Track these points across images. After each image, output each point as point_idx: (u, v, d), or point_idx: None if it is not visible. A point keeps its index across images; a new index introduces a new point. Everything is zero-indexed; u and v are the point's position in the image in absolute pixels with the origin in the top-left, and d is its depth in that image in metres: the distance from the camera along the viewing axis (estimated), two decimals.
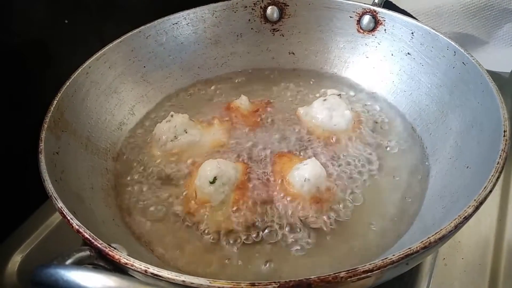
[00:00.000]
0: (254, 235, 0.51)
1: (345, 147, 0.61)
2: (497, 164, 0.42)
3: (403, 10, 0.85)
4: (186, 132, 0.61)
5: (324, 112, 0.62)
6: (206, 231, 0.52)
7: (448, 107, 0.59)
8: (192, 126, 0.62)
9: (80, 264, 0.35)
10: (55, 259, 0.34)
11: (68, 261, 0.34)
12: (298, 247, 0.50)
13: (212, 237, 0.51)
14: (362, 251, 0.49)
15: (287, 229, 0.52)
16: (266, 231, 0.52)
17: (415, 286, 0.54)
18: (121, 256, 0.37)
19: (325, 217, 0.52)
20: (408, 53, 0.66)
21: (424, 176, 0.56)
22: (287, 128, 0.64)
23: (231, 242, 0.51)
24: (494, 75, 0.81)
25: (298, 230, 0.51)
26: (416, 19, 0.67)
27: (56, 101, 0.55)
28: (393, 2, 0.83)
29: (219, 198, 0.53)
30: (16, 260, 0.60)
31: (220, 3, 0.73)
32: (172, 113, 0.62)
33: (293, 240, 0.51)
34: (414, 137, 0.62)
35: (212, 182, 0.52)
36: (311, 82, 0.74)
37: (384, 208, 0.54)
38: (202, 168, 0.54)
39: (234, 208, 0.52)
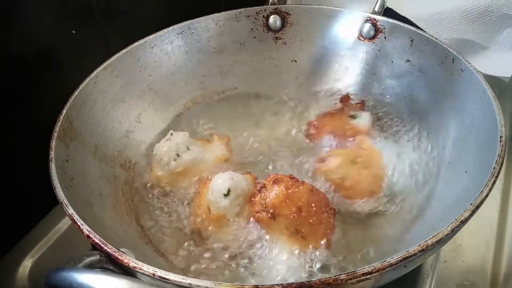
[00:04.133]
0: None
1: None
2: (493, 169, 0.43)
3: (403, 17, 0.86)
4: (188, 149, 0.59)
5: None
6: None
7: (447, 113, 0.60)
8: (193, 143, 0.60)
9: (90, 267, 0.36)
10: (67, 263, 0.35)
11: (80, 265, 0.35)
12: None
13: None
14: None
15: None
16: None
17: None
18: (130, 260, 0.38)
19: None
20: (408, 60, 0.67)
21: (424, 181, 0.57)
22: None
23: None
24: (495, 80, 0.83)
25: None
26: (417, 26, 0.68)
27: (65, 111, 0.57)
28: (394, 9, 0.84)
29: (234, 211, 0.51)
30: (27, 264, 0.61)
31: (224, 13, 0.74)
32: (171, 131, 0.61)
33: None
34: (413, 143, 0.63)
35: (227, 195, 0.51)
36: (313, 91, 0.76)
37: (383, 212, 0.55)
38: (214, 182, 0.52)
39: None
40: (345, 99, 0.70)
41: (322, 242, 0.48)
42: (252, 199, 0.51)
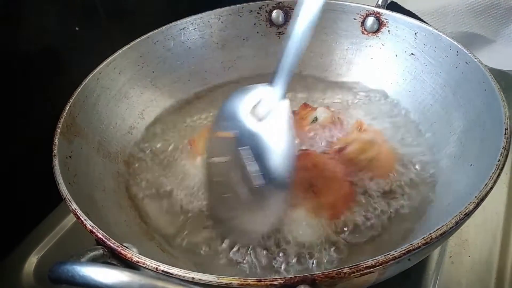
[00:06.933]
0: None
1: None
2: (498, 161, 0.43)
3: (408, 10, 0.86)
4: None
5: None
6: None
7: (452, 106, 0.60)
8: None
9: (93, 262, 0.37)
10: (70, 258, 0.35)
11: (83, 259, 0.35)
12: None
13: None
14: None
15: None
16: None
17: (422, 284, 0.54)
18: (133, 255, 0.38)
19: None
20: (412, 54, 0.67)
21: (429, 175, 0.57)
22: None
23: None
24: (501, 74, 0.82)
25: None
26: (421, 19, 0.68)
27: (68, 107, 0.57)
28: (398, 3, 0.84)
29: None
30: (32, 261, 0.62)
31: (226, 8, 0.74)
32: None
33: None
34: (418, 137, 0.63)
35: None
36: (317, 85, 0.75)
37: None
38: None
39: None
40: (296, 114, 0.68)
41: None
42: None
